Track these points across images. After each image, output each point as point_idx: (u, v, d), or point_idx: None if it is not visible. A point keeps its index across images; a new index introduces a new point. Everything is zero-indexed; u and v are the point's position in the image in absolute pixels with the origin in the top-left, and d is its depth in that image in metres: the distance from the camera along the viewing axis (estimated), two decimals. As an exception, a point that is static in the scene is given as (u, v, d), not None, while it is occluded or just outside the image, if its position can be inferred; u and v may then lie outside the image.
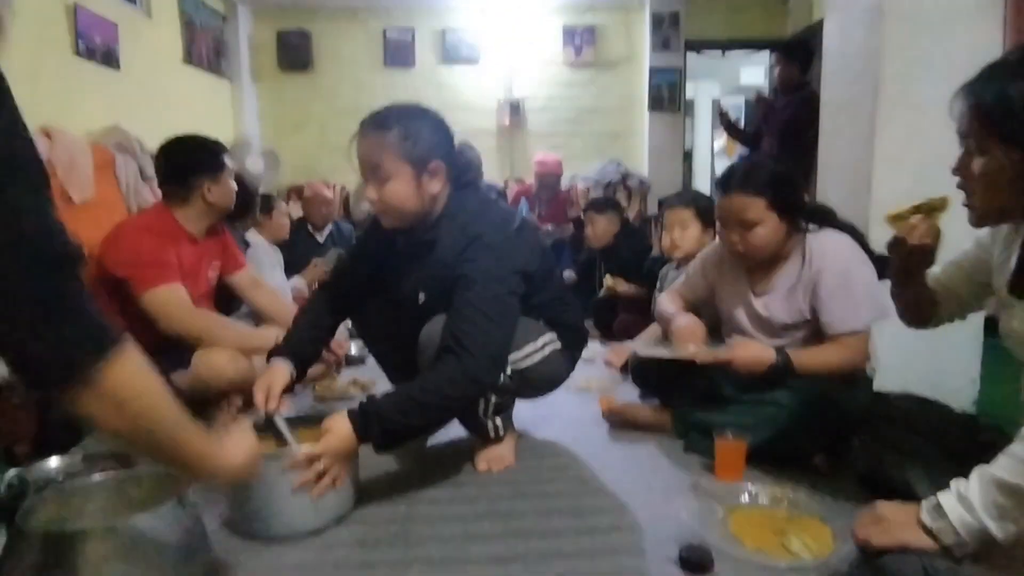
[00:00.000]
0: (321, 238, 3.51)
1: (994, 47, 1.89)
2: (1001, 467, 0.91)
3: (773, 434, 1.45)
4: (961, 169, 0.99)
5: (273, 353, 1.47)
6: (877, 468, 1.29)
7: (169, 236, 1.88)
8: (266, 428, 1.34)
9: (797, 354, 1.47)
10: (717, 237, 1.74)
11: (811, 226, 1.56)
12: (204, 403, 1.82)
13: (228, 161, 1.99)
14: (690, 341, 1.56)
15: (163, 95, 4.02)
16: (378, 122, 1.34)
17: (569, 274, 3.52)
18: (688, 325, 1.63)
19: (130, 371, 0.72)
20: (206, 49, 4.71)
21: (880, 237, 1.81)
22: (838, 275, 1.46)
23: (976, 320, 1.88)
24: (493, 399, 1.45)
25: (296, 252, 3.18)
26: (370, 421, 1.21)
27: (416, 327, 1.47)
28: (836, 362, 1.47)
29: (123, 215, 3.24)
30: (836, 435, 1.42)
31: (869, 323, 1.47)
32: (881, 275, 1.45)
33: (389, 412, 1.22)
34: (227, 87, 5.05)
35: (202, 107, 4.68)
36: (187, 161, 1.93)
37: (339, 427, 1.20)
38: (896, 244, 1.10)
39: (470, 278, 1.30)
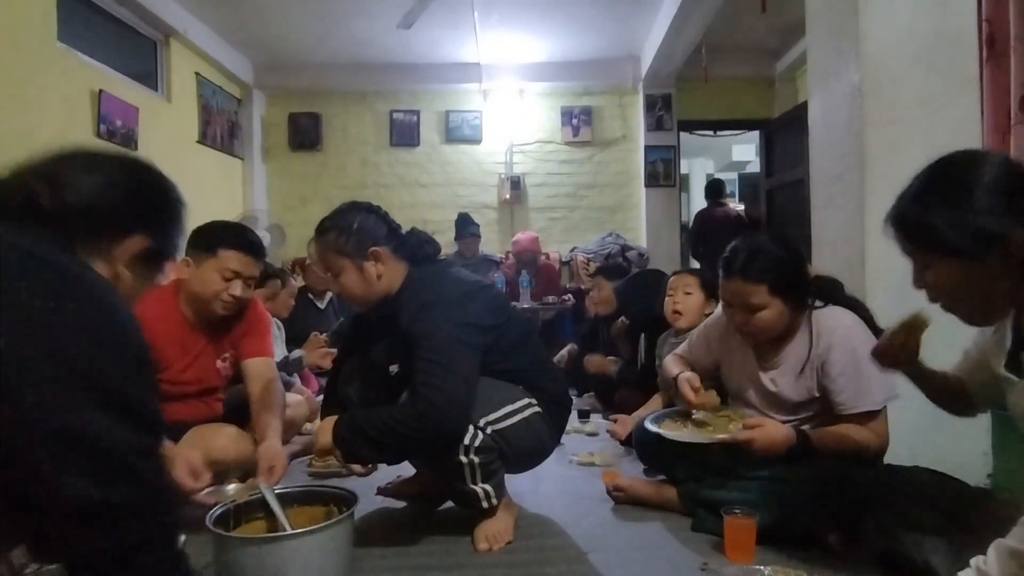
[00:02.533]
0: (322, 304, 3.54)
1: (973, 123, 1.98)
2: (1016, 537, 0.89)
3: (784, 511, 1.40)
4: (919, 283, 1.02)
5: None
6: (895, 547, 1.24)
7: (167, 315, 1.75)
8: (257, 510, 1.32)
9: (818, 435, 1.45)
10: (720, 308, 1.75)
11: (817, 302, 1.57)
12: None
13: (225, 260, 1.75)
14: (693, 389, 1.60)
15: (177, 173, 4.12)
16: (320, 229, 1.55)
17: (572, 347, 3.51)
18: (690, 376, 1.66)
19: None
20: (220, 130, 4.94)
21: (878, 310, 1.82)
22: (847, 354, 1.46)
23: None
24: (476, 461, 1.41)
25: (297, 319, 3.20)
26: (353, 425, 1.37)
27: (393, 399, 1.50)
28: (857, 443, 1.44)
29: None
30: (849, 512, 1.37)
31: (882, 403, 1.45)
32: None
33: (365, 424, 1.37)
34: (238, 165, 5.26)
35: (214, 184, 4.85)
36: (189, 235, 1.87)
37: (327, 423, 1.41)
38: (877, 357, 1.21)
39: (419, 335, 1.40)
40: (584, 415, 2.83)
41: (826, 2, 2.17)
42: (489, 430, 1.43)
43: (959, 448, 1.89)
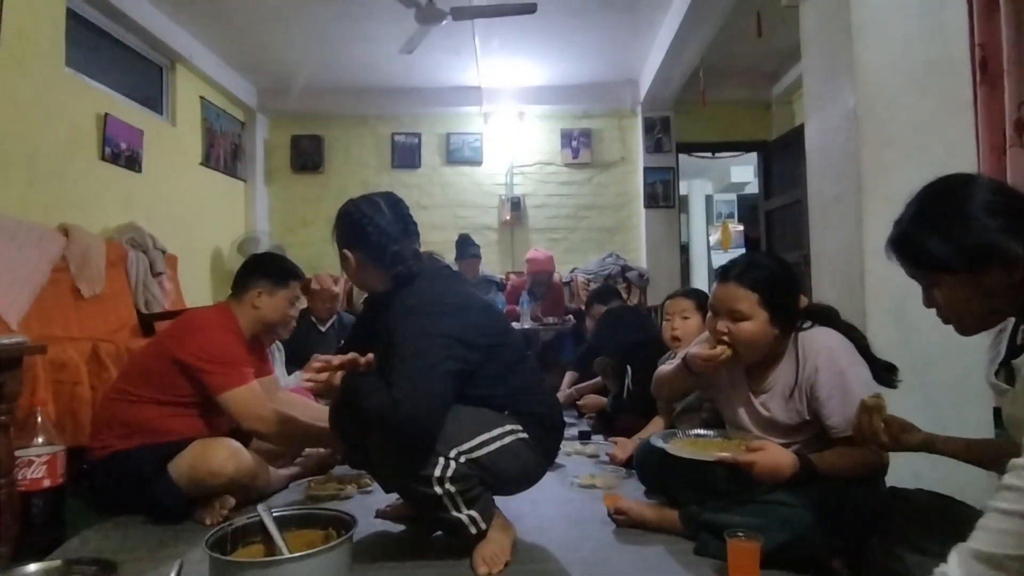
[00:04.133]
0: (324, 328, 3.53)
1: (968, 145, 2.00)
2: (978, 540, 0.89)
3: (788, 534, 1.38)
4: (927, 303, 1.07)
5: None
6: (900, 571, 1.22)
7: (237, 334, 1.97)
8: (255, 533, 1.31)
9: (820, 458, 1.43)
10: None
11: (805, 324, 1.57)
12: (196, 500, 1.77)
13: (294, 288, 2.07)
14: (703, 347, 1.58)
15: (180, 195, 4.22)
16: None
17: (573, 375, 3.49)
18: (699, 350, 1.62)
19: None
20: (223, 152, 4.99)
21: (879, 329, 1.82)
22: (834, 376, 1.45)
23: (985, 415, 1.85)
24: (453, 489, 1.39)
25: (299, 342, 3.19)
26: (359, 378, 1.44)
27: None
28: (858, 463, 1.42)
29: (130, 309, 3.29)
30: (853, 535, 1.36)
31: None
32: (880, 380, 1.46)
33: (358, 383, 1.42)
34: (241, 187, 5.30)
35: (216, 206, 4.88)
36: (255, 266, 2.08)
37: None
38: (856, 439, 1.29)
39: (397, 340, 1.43)
40: (585, 436, 2.81)
41: (820, 28, 2.21)
42: (463, 459, 1.40)
43: (963, 469, 1.87)
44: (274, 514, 1.34)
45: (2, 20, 2.72)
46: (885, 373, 1.49)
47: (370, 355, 1.48)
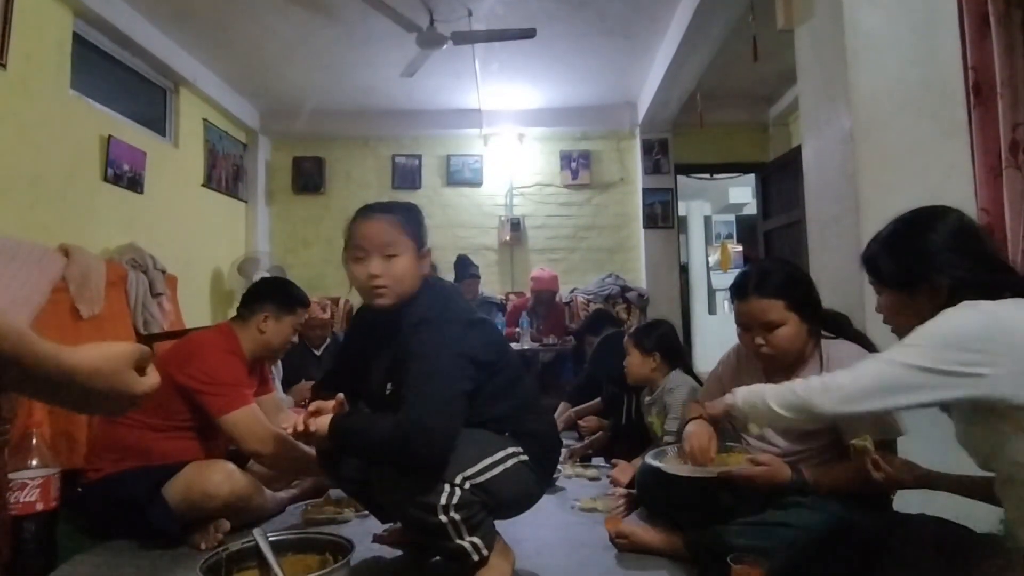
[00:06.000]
0: (318, 352, 3.51)
1: (964, 166, 2.01)
2: (772, 389, 1.20)
3: (792, 559, 1.36)
4: (877, 309, 1.25)
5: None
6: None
7: (240, 356, 1.96)
8: (251, 558, 1.29)
9: (824, 473, 1.42)
10: (732, 352, 1.76)
11: (825, 333, 1.57)
12: (190, 524, 1.74)
13: (300, 315, 2.10)
14: (697, 444, 1.49)
15: (181, 216, 4.23)
16: (386, 207, 1.55)
17: (565, 405, 3.46)
18: (696, 431, 1.57)
19: None
20: (225, 174, 5.03)
21: (879, 349, 1.81)
22: None
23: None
24: (458, 517, 1.37)
25: (293, 364, 3.17)
26: (348, 421, 1.39)
27: None
28: (863, 480, 1.40)
29: (128, 329, 3.28)
30: (857, 560, 1.34)
31: (882, 438, 1.41)
32: None
33: (356, 424, 1.40)
34: (242, 208, 5.33)
35: (217, 226, 4.90)
36: (264, 290, 2.10)
37: (327, 417, 1.40)
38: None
39: (414, 353, 1.39)
40: (586, 459, 2.79)
41: (815, 53, 2.25)
42: (467, 485, 1.38)
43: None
44: (270, 538, 1.33)
45: (9, 44, 2.76)
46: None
47: (340, 395, 1.46)
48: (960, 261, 1.09)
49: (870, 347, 1.56)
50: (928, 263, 1.11)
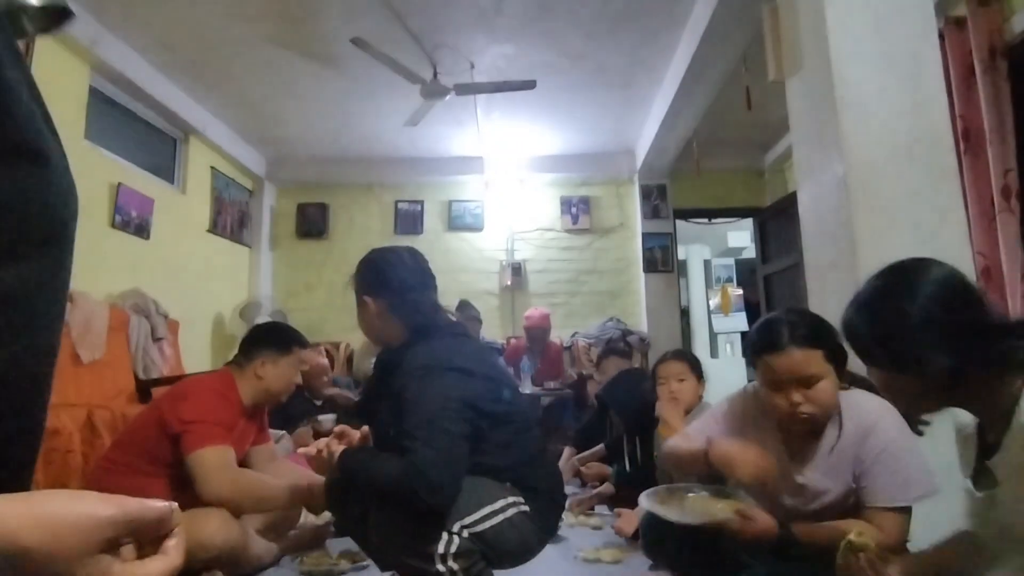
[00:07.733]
0: (319, 402, 3.47)
1: (957, 210, 2.04)
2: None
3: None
4: (868, 375, 1.14)
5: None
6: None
7: (233, 400, 1.93)
8: None
9: (815, 529, 1.34)
10: (726, 401, 1.63)
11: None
12: (183, 574, 1.69)
13: (298, 354, 2.06)
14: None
15: (185, 261, 4.28)
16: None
17: (571, 450, 3.41)
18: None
19: None
20: (231, 219, 5.11)
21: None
22: (889, 442, 1.32)
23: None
24: (456, 567, 1.32)
25: (294, 409, 3.14)
26: (356, 458, 1.41)
27: None
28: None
29: (128, 374, 3.27)
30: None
31: (914, 501, 1.32)
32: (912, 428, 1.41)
33: (360, 458, 1.41)
34: (246, 253, 5.38)
35: (220, 271, 4.94)
36: (259, 334, 2.09)
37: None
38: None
39: (409, 400, 1.38)
40: (589, 508, 2.72)
41: (807, 103, 2.31)
42: (466, 533, 1.35)
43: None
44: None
45: (27, 97, 2.86)
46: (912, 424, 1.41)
47: (365, 428, 1.45)
48: (950, 339, 0.94)
49: (873, 389, 1.50)
50: (913, 343, 0.96)
